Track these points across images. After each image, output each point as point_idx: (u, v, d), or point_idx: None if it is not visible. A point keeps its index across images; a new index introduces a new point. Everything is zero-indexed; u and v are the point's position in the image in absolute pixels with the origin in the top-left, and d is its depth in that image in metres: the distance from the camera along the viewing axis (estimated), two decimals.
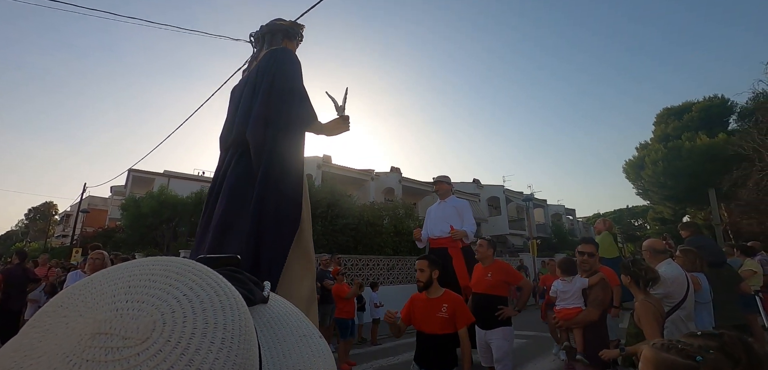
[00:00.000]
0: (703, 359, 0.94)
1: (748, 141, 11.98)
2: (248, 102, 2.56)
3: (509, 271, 3.63)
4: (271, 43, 2.87)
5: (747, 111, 20.94)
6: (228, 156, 2.53)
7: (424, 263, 3.01)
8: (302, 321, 0.47)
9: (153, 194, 18.19)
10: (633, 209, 46.55)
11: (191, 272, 0.36)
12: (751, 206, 12.71)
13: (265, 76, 2.57)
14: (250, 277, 0.48)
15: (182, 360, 0.29)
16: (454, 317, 2.88)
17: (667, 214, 27.44)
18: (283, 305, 0.49)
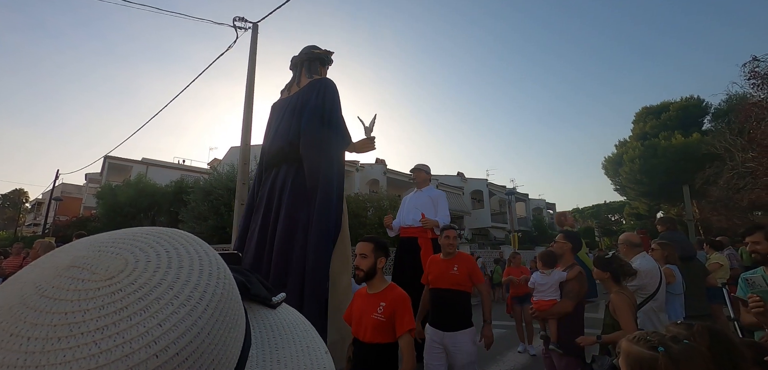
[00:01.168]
0: (664, 350, 1.00)
1: (720, 141, 12.44)
2: (296, 123, 3.06)
3: (475, 266, 3.13)
4: (310, 70, 3.42)
5: (721, 112, 21.75)
6: (279, 172, 3.04)
7: (368, 247, 2.31)
8: (310, 336, 0.45)
9: (130, 182, 17.68)
10: (610, 205, 47.98)
11: (184, 237, 0.37)
12: (721, 202, 13.25)
13: (315, 103, 3.08)
14: (260, 279, 0.47)
15: (139, 304, 0.29)
16: (392, 320, 2.17)
17: (642, 209, 28.36)
18: (294, 317, 0.47)
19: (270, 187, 3.13)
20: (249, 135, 9.07)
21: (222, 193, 11.45)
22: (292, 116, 3.14)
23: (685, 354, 1.00)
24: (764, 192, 10.17)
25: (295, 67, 3.52)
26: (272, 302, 0.45)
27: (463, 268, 2.98)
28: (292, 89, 3.42)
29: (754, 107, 10.05)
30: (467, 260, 3.08)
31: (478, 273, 3.09)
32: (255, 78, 9.36)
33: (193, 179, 15.24)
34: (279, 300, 0.47)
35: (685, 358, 0.99)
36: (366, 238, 2.37)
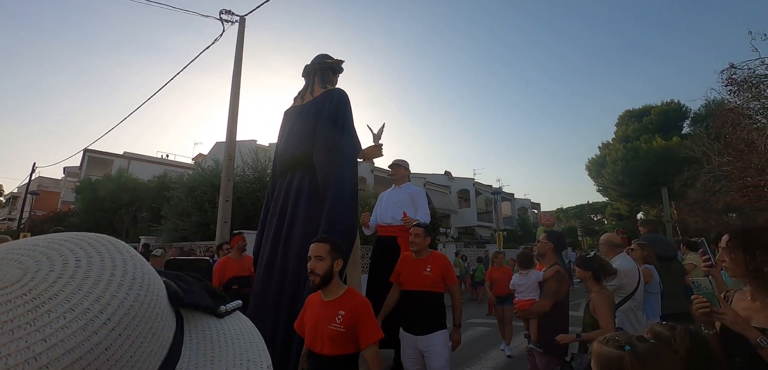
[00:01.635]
0: (631, 349, 1.02)
1: (698, 145, 12.81)
2: (311, 129, 3.19)
3: (448, 267, 2.97)
4: (323, 79, 3.56)
5: (699, 117, 22.42)
6: (294, 177, 3.21)
7: (324, 248, 2.02)
8: (254, 348, 0.44)
9: (111, 176, 17.24)
10: (593, 205, 48.97)
11: (104, 243, 0.34)
12: (698, 204, 13.68)
13: (329, 110, 3.23)
14: (209, 288, 0.46)
15: (26, 317, 0.27)
16: (353, 330, 1.98)
17: (623, 210, 29.04)
18: (242, 328, 0.46)
19: (285, 191, 3.24)
20: (234, 130, 8.93)
21: (206, 189, 11.25)
22: (306, 123, 3.28)
23: (651, 353, 1.03)
24: (738, 195, 10.54)
25: (307, 75, 3.63)
26: (219, 311, 0.44)
27: (437, 269, 2.87)
28: (305, 97, 3.54)
29: (730, 113, 10.37)
30: (440, 261, 2.96)
31: (451, 275, 2.95)
32: (241, 72, 9.23)
33: (177, 174, 14.96)
34: (230, 309, 0.46)
35: (651, 357, 1.02)
36: (320, 238, 2.13)
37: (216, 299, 0.45)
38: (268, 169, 12.28)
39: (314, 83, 3.55)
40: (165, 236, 12.21)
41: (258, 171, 11.98)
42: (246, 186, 11.37)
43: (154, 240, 12.57)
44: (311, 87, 3.56)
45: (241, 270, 4.66)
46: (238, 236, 4.91)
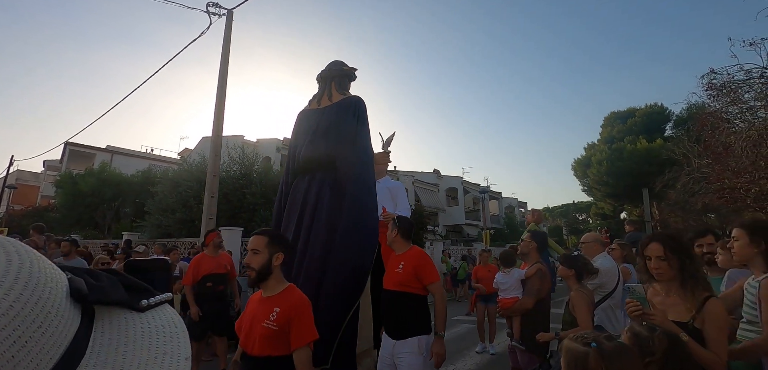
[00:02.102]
0: (597, 346, 1.07)
1: (679, 147, 13.12)
2: (334, 134, 3.35)
3: (424, 264, 2.69)
4: (341, 86, 3.71)
5: (681, 120, 22.98)
6: (314, 179, 3.31)
7: (261, 241, 1.89)
8: (173, 342, 0.44)
9: (93, 170, 16.84)
10: (578, 204, 49.85)
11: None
12: (678, 205, 14.06)
13: (352, 119, 3.42)
14: (135, 282, 0.46)
15: None
16: (286, 329, 1.83)
17: (607, 210, 29.64)
18: (164, 322, 0.45)
19: (304, 193, 3.32)
20: (221, 125, 8.81)
21: (192, 185, 11.08)
22: (329, 128, 3.42)
23: (616, 352, 1.07)
24: (716, 196, 10.84)
25: (323, 80, 3.77)
26: (140, 305, 0.44)
27: (409, 266, 2.64)
28: (322, 101, 3.67)
29: (709, 117, 10.65)
30: (414, 257, 2.70)
31: (428, 272, 2.66)
32: (228, 67, 9.11)
33: (162, 170, 14.69)
34: (154, 302, 0.45)
35: (615, 356, 1.06)
36: (259, 230, 1.98)
37: (138, 293, 0.45)
38: (255, 165, 12.16)
39: (332, 89, 3.68)
40: (148, 233, 11.99)
41: (245, 167, 11.84)
42: (232, 182, 11.24)
43: (138, 236, 12.32)
44: (329, 92, 3.68)
45: (216, 267, 4.61)
46: (213, 233, 4.87)
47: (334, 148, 3.30)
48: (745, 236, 1.95)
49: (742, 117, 9.66)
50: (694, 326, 1.71)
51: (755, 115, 9.22)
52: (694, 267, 1.85)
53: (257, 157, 12.65)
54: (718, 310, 1.74)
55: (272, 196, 11.26)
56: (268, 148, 18.38)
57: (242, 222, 10.46)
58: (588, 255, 3.52)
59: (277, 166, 15.93)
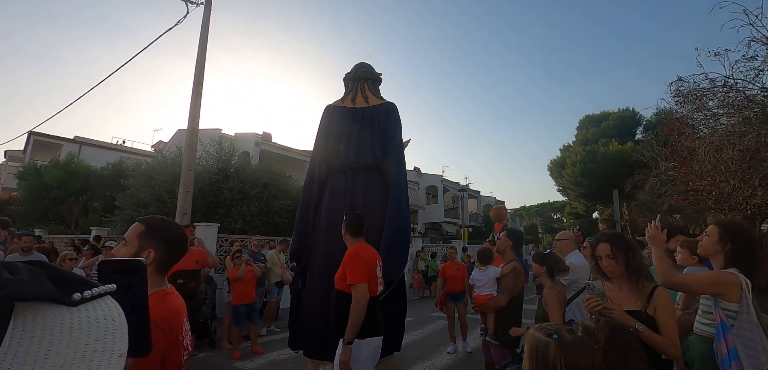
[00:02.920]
0: (557, 337, 1.14)
1: (648, 150, 13.68)
2: (380, 140, 3.59)
3: (351, 263, 2.55)
4: (374, 89, 3.91)
5: (651, 124, 23.96)
6: (357, 178, 3.51)
7: (133, 231, 1.51)
8: (108, 337, 0.42)
9: (59, 162, 16.06)
10: (553, 204, 51.27)
11: None
12: (646, 206, 14.67)
13: (395, 126, 3.68)
14: (68, 274, 0.44)
15: None
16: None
17: (580, 209, 30.59)
18: (100, 316, 0.43)
19: (351, 190, 3.54)
20: (197, 117, 8.56)
21: (166, 178, 10.73)
22: (373, 131, 3.65)
23: (574, 344, 1.14)
24: (681, 198, 11.37)
25: (356, 81, 3.92)
26: (69, 300, 0.42)
27: (343, 264, 2.58)
28: (357, 101, 3.82)
29: (676, 122, 11.14)
30: (347, 255, 2.60)
31: (351, 271, 2.51)
32: (206, 57, 8.85)
33: (134, 162, 14.13)
34: (89, 295, 0.43)
35: (573, 348, 1.13)
36: (141, 218, 1.61)
37: (69, 286, 0.42)
38: (232, 159, 11.88)
39: (366, 90, 3.87)
40: (119, 228, 11.54)
41: (222, 162, 11.55)
42: (209, 177, 10.95)
43: (107, 232, 11.86)
44: (363, 93, 3.86)
45: (186, 264, 4.47)
46: (185, 229, 4.72)
47: (381, 152, 3.57)
48: (717, 234, 2.09)
49: (706, 123, 10.16)
50: (647, 314, 1.89)
51: (718, 122, 9.71)
52: (638, 262, 2.02)
53: (235, 152, 12.36)
54: (666, 299, 1.92)
55: (250, 191, 11.06)
56: (247, 143, 17.99)
57: (218, 218, 10.22)
58: (562, 252, 3.64)
59: (256, 160, 15.63)
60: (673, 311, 1.97)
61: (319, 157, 3.74)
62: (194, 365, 5.24)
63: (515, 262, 3.45)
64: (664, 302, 1.90)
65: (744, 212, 8.90)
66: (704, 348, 2.13)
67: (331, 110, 3.86)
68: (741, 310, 1.86)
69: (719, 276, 2.01)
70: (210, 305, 6.27)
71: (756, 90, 8.42)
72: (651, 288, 1.96)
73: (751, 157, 8.21)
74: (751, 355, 1.79)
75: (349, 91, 3.94)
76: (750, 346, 1.81)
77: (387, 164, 3.53)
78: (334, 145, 3.68)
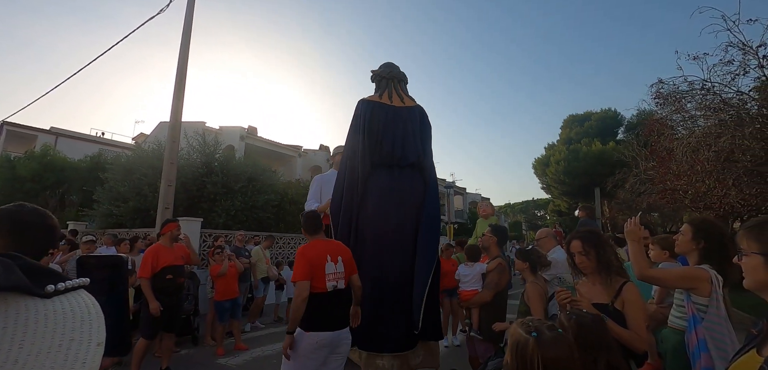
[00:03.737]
0: (537, 335, 1.18)
1: (629, 150, 14.02)
2: (421, 140, 3.84)
3: (295, 258, 2.80)
4: (405, 90, 4.09)
5: (632, 125, 24.58)
6: (404, 174, 3.70)
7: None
8: (84, 328, 0.41)
9: (34, 153, 15.49)
10: (537, 201, 52.14)
11: None
12: (626, 204, 15.07)
13: (426, 129, 3.95)
14: (41, 266, 0.43)
15: None
16: None
17: (563, 207, 31.21)
18: (75, 307, 0.43)
19: (398, 186, 3.68)
20: (180, 109, 8.36)
21: (147, 172, 10.45)
22: (415, 131, 3.85)
23: (553, 341, 1.17)
24: (659, 196, 11.70)
25: (390, 80, 4.04)
26: (43, 291, 0.41)
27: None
28: (394, 100, 3.96)
29: (656, 123, 11.45)
30: (296, 253, 2.84)
31: (294, 270, 2.78)
32: (190, 47, 8.65)
33: (114, 155, 13.72)
34: (63, 287, 0.43)
35: (551, 344, 1.16)
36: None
37: (43, 278, 0.42)
38: (216, 153, 11.66)
39: (400, 90, 4.04)
40: (98, 222, 11.22)
41: (205, 156, 11.31)
42: (192, 171, 10.72)
43: (85, 226, 11.51)
44: (397, 92, 4.01)
45: (174, 259, 4.39)
46: (172, 223, 4.64)
47: (422, 152, 3.78)
48: (690, 232, 2.17)
49: (684, 125, 10.46)
50: (614, 308, 1.96)
51: (695, 124, 10.01)
52: (608, 257, 2.10)
53: (219, 145, 12.13)
54: (634, 293, 2.00)
55: (234, 186, 10.88)
56: (232, 137, 17.71)
57: (202, 213, 10.04)
58: (543, 249, 3.71)
59: (241, 155, 15.38)
60: (642, 305, 2.04)
61: (362, 151, 3.77)
62: (177, 361, 5.15)
63: (500, 258, 3.50)
64: (632, 297, 1.97)
65: (718, 210, 9.22)
66: (676, 340, 2.22)
67: (372, 105, 3.90)
68: (711, 304, 1.93)
69: (691, 271, 2.08)
70: (193, 301, 6.16)
71: (732, 93, 8.70)
72: (620, 283, 2.04)
73: (726, 158, 8.50)
74: (719, 347, 1.86)
75: (384, 89, 4.03)
76: (718, 339, 1.87)
77: (427, 163, 3.80)
78: (378, 141, 3.77)
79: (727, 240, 2.11)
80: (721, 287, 1.97)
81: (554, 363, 1.13)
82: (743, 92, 8.66)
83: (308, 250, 2.74)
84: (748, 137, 7.92)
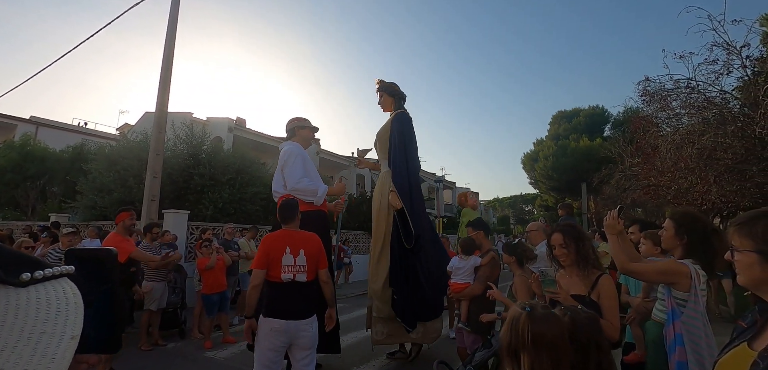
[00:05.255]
0: (530, 310, 1.25)
1: (615, 147, 14.23)
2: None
3: (260, 245, 2.85)
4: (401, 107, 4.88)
5: (618, 122, 24.97)
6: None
7: None
8: (58, 319, 0.39)
9: (13, 143, 15.04)
10: (526, 196, 52.77)
11: None
12: (611, 199, 15.32)
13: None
14: (18, 254, 0.41)
15: None
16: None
17: (550, 202, 31.66)
18: (52, 297, 0.40)
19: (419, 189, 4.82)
20: (166, 99, 8.19)
21: (132, 163, 10.23)
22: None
23: (543, 317, 1.24)
24: (643, 192, 11.95)
25: (402, 99, 4.99)
26: (17, 280, 0.39)
27: None
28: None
29: (642, 120, 11.64)
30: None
31: (255, 256, 2.85)
32: (176, 36, 8.45)
33: (97, 146, 13.39)
34: (40, 276, 0.41)
35: (542, 319, 1.23)
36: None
37: (19, 266, 0.40)
38: (204, 145, 11.47)
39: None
40: (81, 215, 10.97)
41: (192, 147, 11.12)
42: (178, 162, 10.53)
43: (68, 218, 11.24)
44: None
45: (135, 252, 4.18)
46: (126, 212, 4.06)
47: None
48: (672, 228, 2.16)
49: (669, 122, 10.66)
50: (591, 299, 2.05)
51: (679, 122, 10.21)
52: (586, 251, 2.18)
53: (207, 137, 11.93)
54: (608, 285, 2.09)
55: (221, 178, 10.72)
56: (220, 128, 17.43)
57: (189, 205, 9.89)
58: (533, 242, 3.77)
59: (229, 146, 15.16)
60: (616, 296, 2.13)
61: (416, 159, 4.83)
62: (164, 355, 5.09)
63: (493, 251, 3.54)
64: (607, 288, 2.07)
65: (700, 206, 9.45)
66: (656, 333, 2.27)
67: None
68: (689, 299, 1.94)
69: (670, 266, 2.07)
70: (179, 295, 6.08)
71: (715, 93, 8.89)
72: (597, 275, 2.12)
73: (708, 156, 8.70)
74: (694, 340, 1.88)
75: (403, 105, 4.86)
76: (694, 333, 1.89)
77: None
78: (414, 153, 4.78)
79: (710, 233, 2.10)
80: (702, 282, 1.98)
81: (541, 337, 1.18)
82: (726, 92, 8.86)
83: (268, 239, 2.79)
84: (730, 135, 8.12)
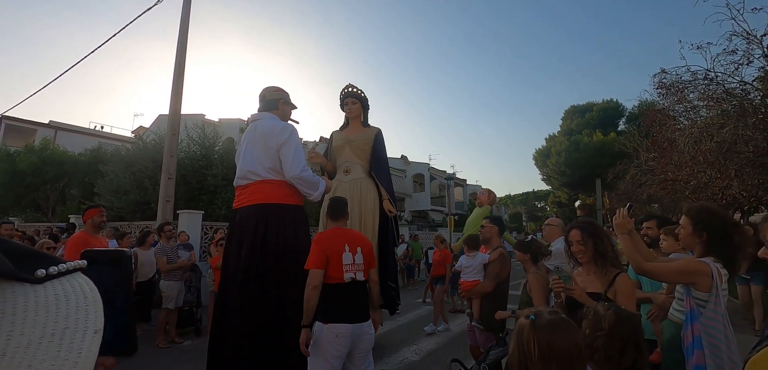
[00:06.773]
0: (534, 319, 1.21)
1: (630, 141, 13.95)
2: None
3: (312, 244, 2.61)
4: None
5: (633, 115, 24.43)
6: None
7: None
8: (78, 316, 0.39)
9: (33, 147, 15.47)
10: (538, 193, 52.16)
11: None
12: (626, 195, 14.99)
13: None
14: (31, 250, 0.41)
15: None
16: None
17: (563, 198, 31.20)
18: (70, 292, 0.40)
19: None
20: (179, 102, 8.32)
21: (147, 164, 10.42)
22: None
23: (548, 324, 1.19)
24: (660, 187, 11.66)
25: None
26: (32, 277, 0.38)
27: None
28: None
29: (658, 114, 11.37)
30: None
31: (309, 257, 2.56)
32: (188, 39, 8.57)
33: (113, 148, 13.69)
34: (55, 271, 0.40)
35: (546, 327, 1.18)
36: None
37: (33, 262, 0.39)
38: (216, 145, 11.61)
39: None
40: None
41: (205, 148, 11.27)
42: (192, 163, 10.69)
43: None
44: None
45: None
46: (94, 209, 3.93)
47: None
48: (690, 226, 2.03)
49: (686, 115, 10.39)
50: (607, 297, 1.97)
51: (697, 114, 9.94)
52: (604, 248, 2.11)
53: (219, 138, 12.08)
54: (626, 283, 2.02)
55: (228, 176, 10.83)
56: (231, 129, 17.66)
57: (202, 205, 10.03)
58: (548, 237, 3.72)
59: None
60: (633, 295, 2.08)
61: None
62: (180, 352, 5.18)
63: (502, 248, 3.49)
64: (624, 287, 2.00)
65: (720, 201, 9.20)
66: (672, 333, 2.16)
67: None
68: (710, 299, 1.84)
69: (689, 265, 1.96)
70: (195, 293, 6.18)
71: (735, 84, 8.63)
72: (614, 274, 2.05)
73: (728, 149, 8.45)
74: (714, 344, 1.78)
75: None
76: (714, 336, 1.79)
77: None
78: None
79: (730, 228, 1.97)
80: (723, 281, 1.87)
81: (549, 346, 1.14)
82: (747, 82, 8.59)
83: (324, 237, 2.58)
84: (751, 128, 7.88)
